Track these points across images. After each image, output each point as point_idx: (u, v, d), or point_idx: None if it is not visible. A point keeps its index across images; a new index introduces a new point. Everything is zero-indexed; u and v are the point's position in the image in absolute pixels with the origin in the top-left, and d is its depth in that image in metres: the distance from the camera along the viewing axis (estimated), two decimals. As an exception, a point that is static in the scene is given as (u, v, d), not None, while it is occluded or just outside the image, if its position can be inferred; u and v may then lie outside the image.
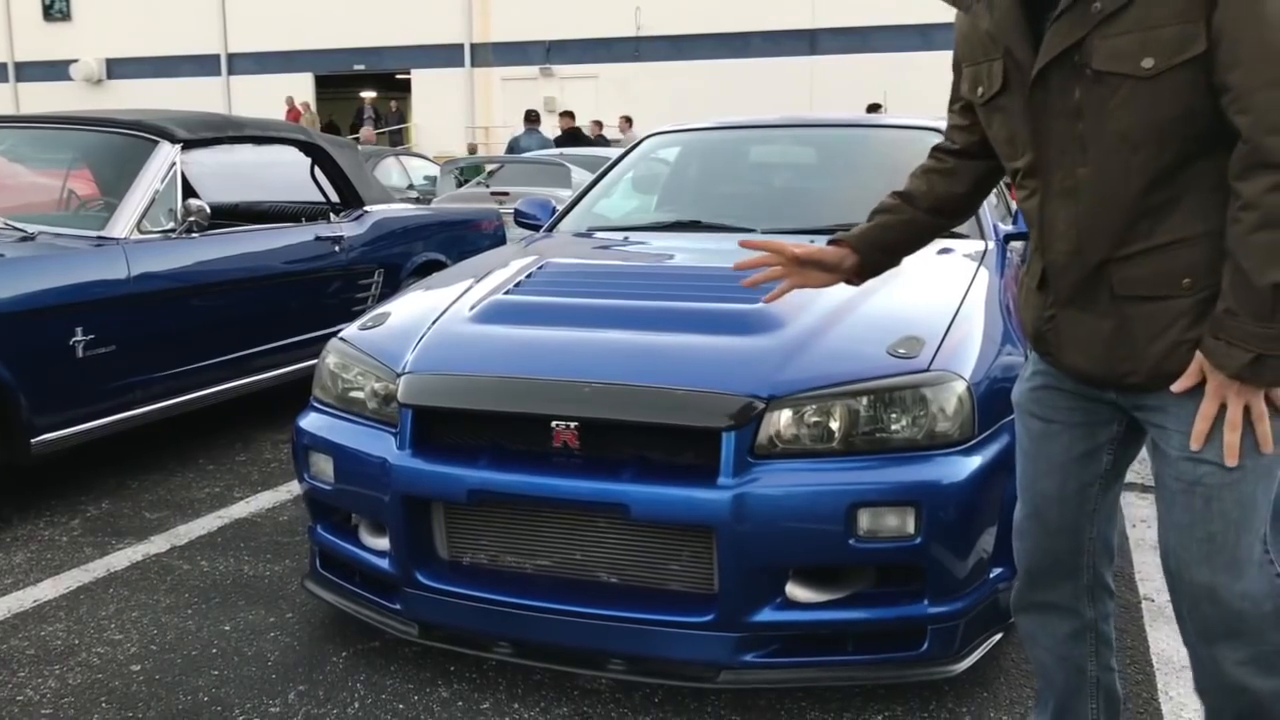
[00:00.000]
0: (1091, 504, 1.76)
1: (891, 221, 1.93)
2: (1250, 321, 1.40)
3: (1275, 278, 1.37)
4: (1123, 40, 1.45)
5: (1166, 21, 1.42)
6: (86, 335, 3.65)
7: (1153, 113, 1.47)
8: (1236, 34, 1.38)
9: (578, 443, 2.30)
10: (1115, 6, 1.45)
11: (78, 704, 2.43)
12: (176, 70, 25.52)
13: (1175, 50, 1.42)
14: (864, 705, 2.39)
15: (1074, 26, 1.49)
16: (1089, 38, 1.48)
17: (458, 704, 2.42)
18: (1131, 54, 1.45)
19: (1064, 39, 1.51)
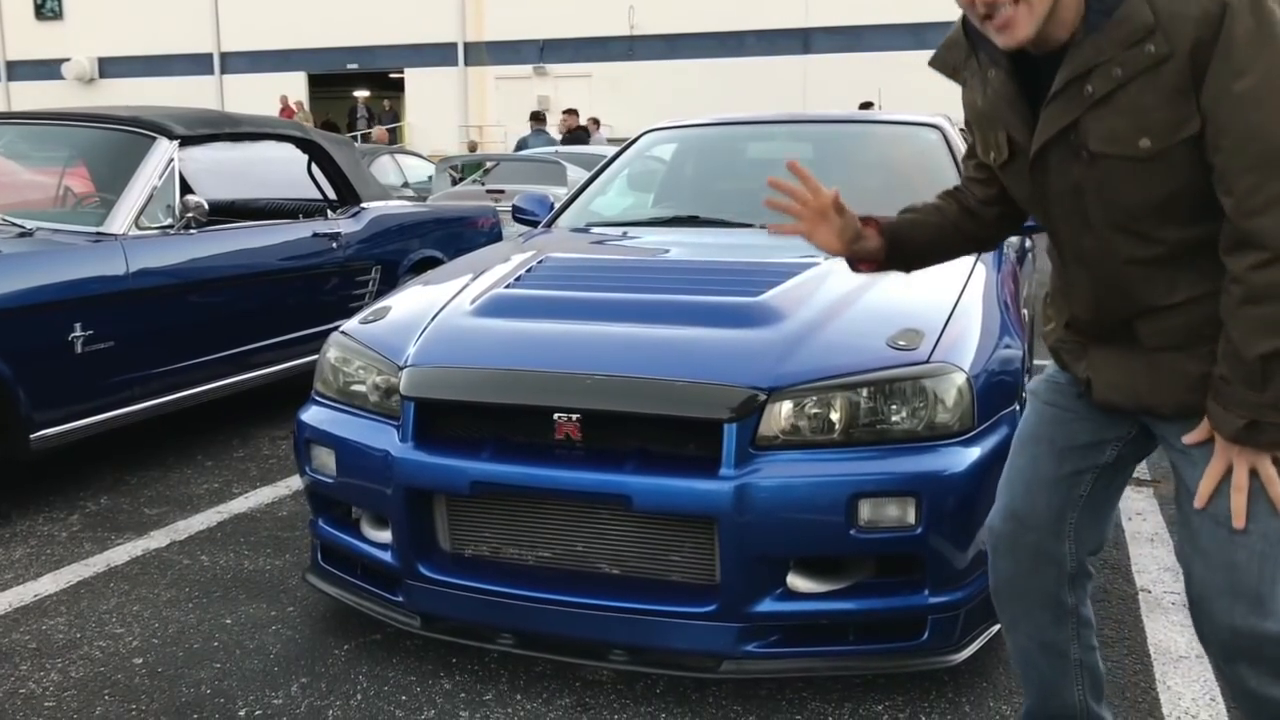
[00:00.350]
0: (1082, 490, 1.76)
1: (922, 221, 1.88)
2: (1242, 389, 1.44)
3: (1262, 349, 1.41)
4: (1117, 122, 1.48)
5: (1158, 106, 1.44)
6: (85, 331, 3.65)
7: (1154, 188, 1.49)
8: (1219, 117, 1.41)
9: (580, 434, 2.31)
10: (1107, 90, 1.47)
11: (80, 697, 2.44)
12: (169, 69, 25.46)
13: (1171, 131, 1.45)
14: (864, 695, 2.41)
15: (1067, 109, 1.52)
16: (1083, 119, 1.51)
17: (460, 695, 2.43)
18: (1127, 136, 1.47)
19: (1057, 121, 1.53)
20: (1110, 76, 1.46)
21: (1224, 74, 1.39)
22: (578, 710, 2.36)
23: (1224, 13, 1.39)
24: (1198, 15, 1.40)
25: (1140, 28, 1.43)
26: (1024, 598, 1.82)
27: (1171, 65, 1.42)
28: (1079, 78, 1.49)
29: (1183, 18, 1.40)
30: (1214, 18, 1.39)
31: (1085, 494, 1.76)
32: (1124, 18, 1.44)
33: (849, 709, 2.36)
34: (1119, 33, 1.44)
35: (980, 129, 1.71)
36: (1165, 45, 1.42)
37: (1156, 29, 1.42)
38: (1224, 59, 1.39)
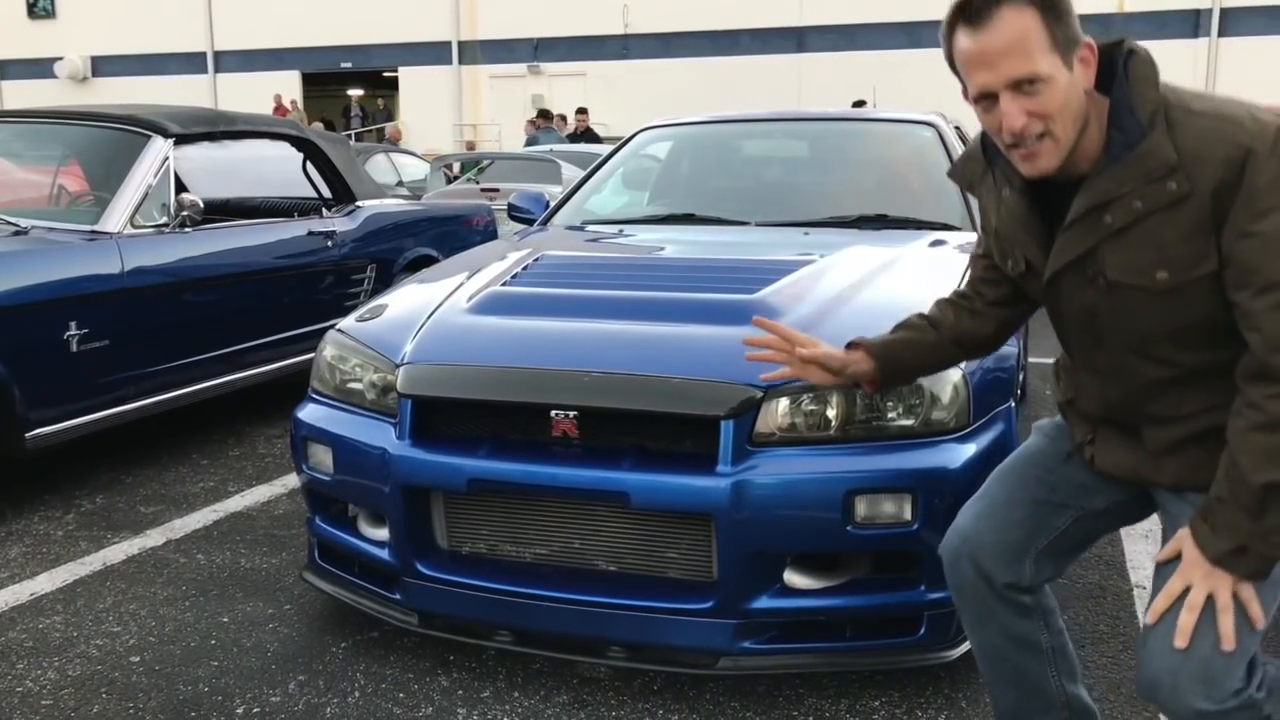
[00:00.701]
0: (1059, 522, 1.76)
1: (916, 340, 1.89)
2: (1239, 513, 1.44)
3: (1268, 478, 1.41)
4: (1136, 254, 1.49)
5: (1177, 241, 1.46)
6: (80, 330, 3.65)
7: (1170, 318, 1.51)
8: (1243, 258, 1.42)
9: (577, 432, 2.32)
10: (1126, 222, 1.48)
11: (78, 695, 2.44)
12: (162, 68, 25.39)
13: (1189, 267, 1.46)
14: (861, 691, 2.42)
15: (1085, 237, 1.53)
16: (1101, 247, 1.52)
17: (458, 692, 2.43)
18: (1145, 268, 1.49)
19: (1074, 248, 1.55)
20: (1130, 209, 1.48)
21: (1248, 217, 1.41)
22: (575, 707, 2.37)
23: (1247, 157, 1.41)
24: (1221, 158, 1.41)
25: (1163, 165, 1.45)
26: (984, 601, 1.81)
27: (1192, 203, 1.44)
28: (1098, 207, 1.51)
29: (1206, 159, 1.42)
30: (1237, 161, 1.41)
31: (1061, 528, 1.77)
32: (1147, 153, 1.46)
33: (846, 705, 2.37)
34: (1141, 167, 1.46)
35: (997, 241, 1.73)
36: (1187, 184, 1.44)
37: (1179, 168, 1.44)
38: (1247, 202, 1.41)
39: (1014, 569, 1.76)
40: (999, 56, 1.46)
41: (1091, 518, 1.78)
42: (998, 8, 1.46)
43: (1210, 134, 1.43)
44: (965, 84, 1.55)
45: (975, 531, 1.79)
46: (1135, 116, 1.47)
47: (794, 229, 3.50)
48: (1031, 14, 1.45)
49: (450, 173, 11.26)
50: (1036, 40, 1.45)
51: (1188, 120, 1.45)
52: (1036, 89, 1.46)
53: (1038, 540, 1.76)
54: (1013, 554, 1.76)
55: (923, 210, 3.59)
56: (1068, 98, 1.47)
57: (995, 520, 1.78)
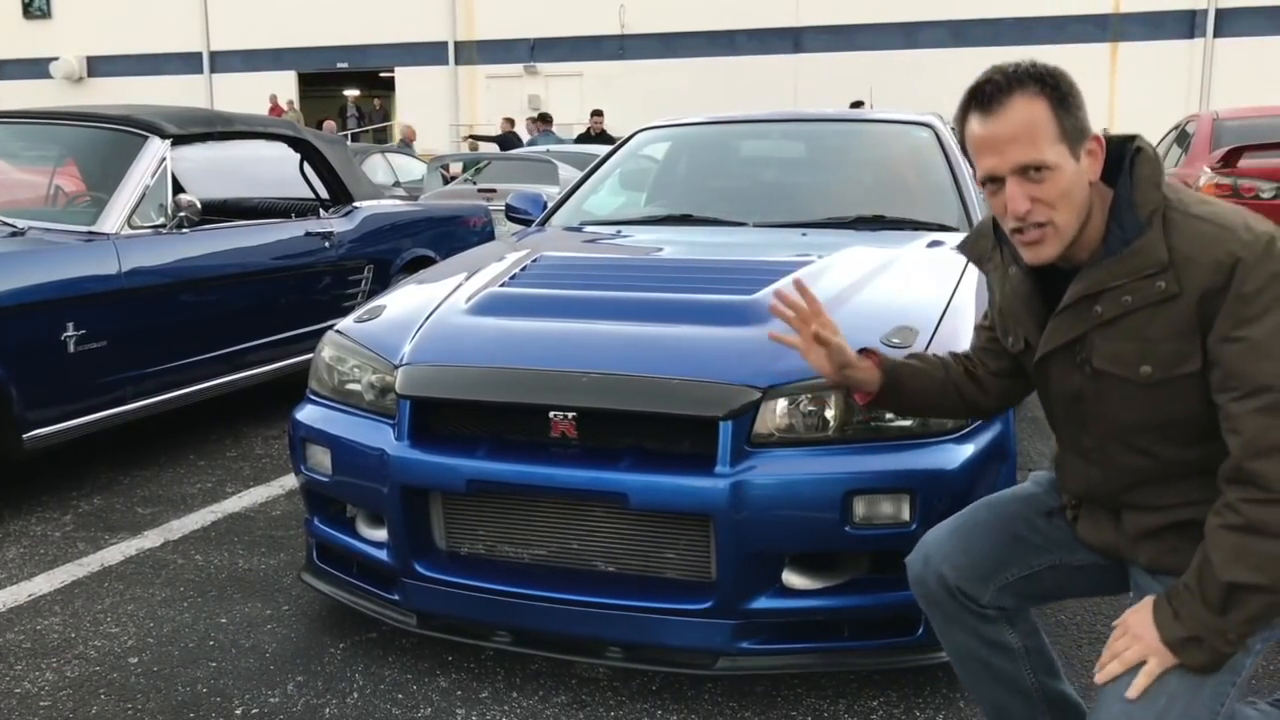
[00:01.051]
0: (1035, 563, 1.78)
1: (925, 372, 1.89)
2: (1201, 605, 1.46)
3: (1235, 577, 1.43)
4: (1122, 346, 1.52)
5: (1163, 337, 1.49)
6: (78, 330, 3.65)
7: (1153, 412, 1.54)
8: (1228, 362, 1.45)
9: (576, 433, 2.32)
10: (1114, 314, 1.52)
11: (76, 696, 2.44)
12: (159, 68, 25.37)
13: (1172, 364, 1.49)
14: (859, 691, 2.42)
15: (1075, 323, 1.57)
16: (1090, 335, 1.56)
17: (456, 693, 2.43)
18: (1130, 360, 1.52)
19: (1065, 333, 1.59)
20: (1119, 302, 1.51)
21: (1234, 323, 1.44)
22: (574, 707, 2.37)
23: (1236, 264, 1.43)
24: (1212, 263, 1.44)
25: (1154, 263, 1.48)
26: (946, 605, 1.81)
27: (1179, 304, 1.47)
28: (1089, 297, 1.54)
29: (1196, 263, 1.45)
30: (1226, 267, 1.44)
31: (1036, 569, 1.78)
32: (1140, 250, 1.49)
33: (844, 705, 2.37)
34: (1133, 263, 1.49)
35: (1001, 317, 1.77)
36: (1176, 285, 1.47)
37: (1170, 268, 1.47)
38: (1234, 308, 1.44)
39: (976, 587, 1.77)
40: (1007, 142, 1.50)
41: (1068, 572, 1.79)
42: (1009, 95, 1.51)
43: (1204, 238, 1.46)
44: (974, 167, 1.59)
45: (945, 543, 1.81)
46: (1135, 213, 1.51)
47: (791, 230, 3.50)
48: (1042, 104, 1.50)
49: (447, 173, 11.26)
50: (1045, 129, 1.50)
51: (1185, 223, 1.49)
52: (1042, 176, 1.50)
53: (1009, 571, 1.77)
54: (979, 575, 1.77)
55: (920, 211, 3.60)
56: (1072, 187, 1.51)
57: (969, 540, 1.79)
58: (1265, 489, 1.42)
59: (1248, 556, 1.43)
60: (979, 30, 20.37)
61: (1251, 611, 1.44)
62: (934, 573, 1.79)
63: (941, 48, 20.42)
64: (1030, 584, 1.78)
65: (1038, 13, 20.21)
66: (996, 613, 1.79)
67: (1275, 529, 1.42)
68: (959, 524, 1.83)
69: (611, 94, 21.72)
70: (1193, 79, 19.68)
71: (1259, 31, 19.34)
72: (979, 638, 1.81)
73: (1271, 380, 1.42)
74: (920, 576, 1.83)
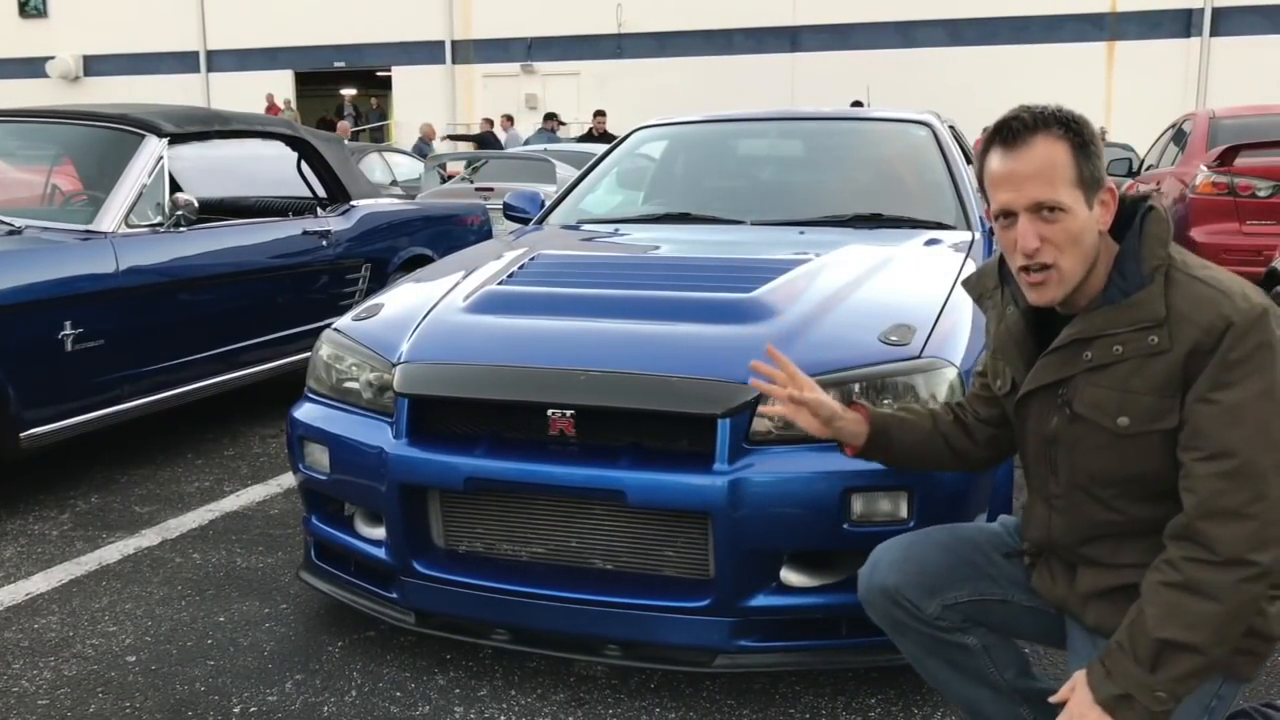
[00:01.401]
0: (987, 593, 1.78)
1: (912, 423, 1.90)
2: (1133, 662, 1.47)
3: (1167, 634, 1.44)
4: (1105, 394, 1.55)
5: (1145, 391, 1.51)
6: (75, 329, 3.64)
7: (1122, 465, 1.56)
8: (1198, 422, 1.47)
9: (574, 430, 2.32)
10: (1103, 361, 1.54)
11: (74, 695, 2.43)
12: (155, 67, 25.32)
13: (1149, 419, 1.51)
14: (858, 689, 2.42)
15: (1063, 365, 1.59)
16: (1075, 379, 1.58)
17: (455, 691, 2.43)
18: (1110, 409, 1.54)
19: (1052, 374, 1.61)
20: (1110, 350, 1.54)
21: (1213, 384, 1.46)
22: (572, 705, 2.37)
23: (1228, 329, 1.45)
24: (1203, 324, 1.47)
25: (1151, 317, 1.50)
26: (893, 613, 1.82)
27: (1167, 360, 1.49)
28: (1082, 341, 1.56)
29: (1190, 322, 1.48)
30: (1217, 331, 1.46)
31: (987, 596, 1.79)
32: (1139, 303, 1.52)
33: (842, 702, 2.37)
34: (1131, 314, 1.52)
35: (992, 360, 1.79)
36: (1168, 341, 1.49)
37: (1165, 324, 1.49)
38: (1216, 370, 1.46)
39: (921, 597, 1.78)
40: (1026, 179, 1.53)
41: (1016, 610, 1.80)
42: (1034, 134, 1.53)
43: (1202, 299, 1.49)
44: (989, 202, 1.62)
45: (896, 553, 1.81)
46: (1139, 268, 1.54)
47: (789, 228, 3.50)
48: (1064, 147, 1.53)
49: (445, 172, 11.25)
50: (1063, 172, 1.53)
51: (1186, 282, 1.51)
52: (1055, 217, 1.53)
53: (958, 591, 1.78)
54: (926, 587, 1.78)
55: (917, 209, 3.60)
56: (1082, 233, 1.54)
57: (922, 553, 1.80)
58: (1210, 550, 1.44)
59: (1182, 615, 1.44)
60: (975, 29, 20.38)
61: (1181, 671, 1.45)
62: (880, 581, 1.80)
63: (938, 46, 20.44)
64: (977, 610, 1.79)
65: (1034, 11, 20.22)
66: (946, 621, 1.79)
67: (1213, 591, 1.43)
68: (914, 539, 1.84)
69: (608, 93, 21.70)
70: (1189, 78, 19.70)
71: (1255, 31, 19.36)
72: (933, 640, 1.81)
73: (1236, 446, 1.44)
74: (867, 585, 1.84)
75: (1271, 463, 1.44)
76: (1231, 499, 1.44)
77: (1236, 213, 6.41)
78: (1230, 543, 1.43)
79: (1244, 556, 1.43)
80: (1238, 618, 1.45)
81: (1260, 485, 1.44)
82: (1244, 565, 1.43)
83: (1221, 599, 1.43)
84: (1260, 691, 2.36)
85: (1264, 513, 1.43)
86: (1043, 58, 20.13)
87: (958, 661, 1.82)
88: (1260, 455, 1.44)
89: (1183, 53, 19.81)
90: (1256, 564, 1.43)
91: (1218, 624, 1.44)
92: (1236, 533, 1.43)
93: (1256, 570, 1.43)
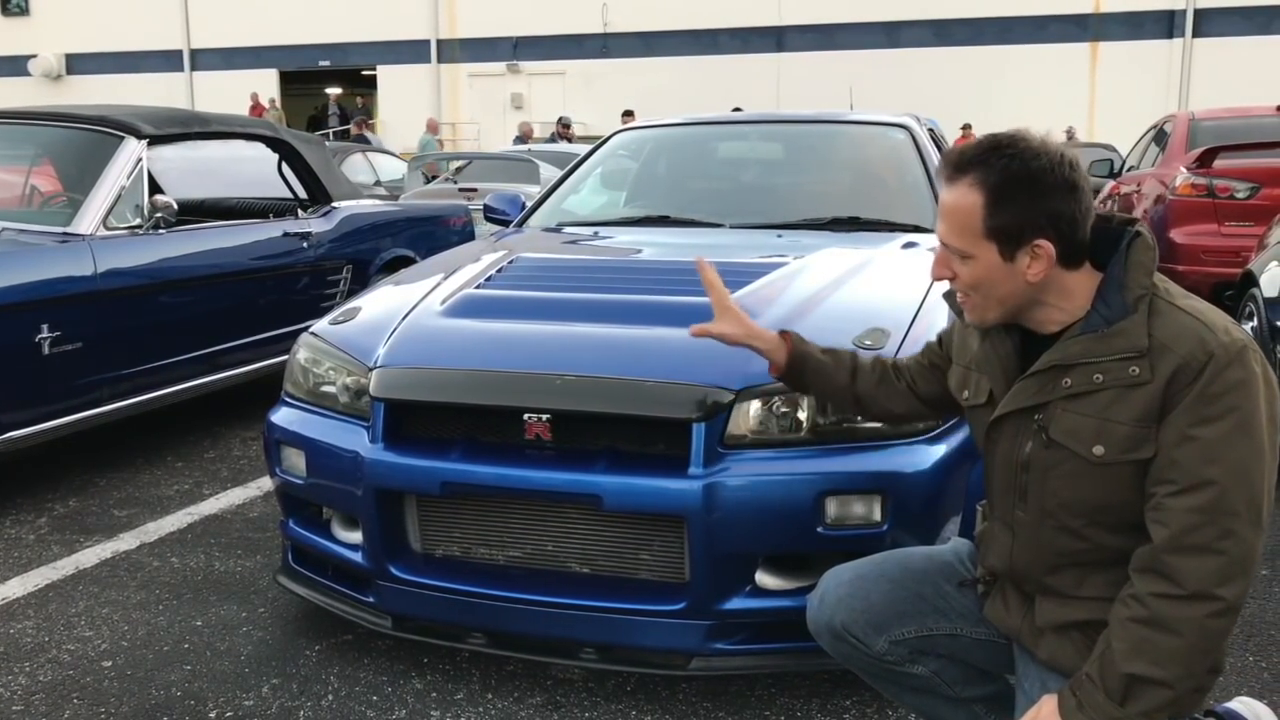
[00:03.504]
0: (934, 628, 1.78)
1: (829, 369, 1.93)
2: (1103, 696, 1.47)
3: (1135, 669, 1.44)
4: (1082, 422, 1.53)
5: (1123, 420, 1.50)
6: (52, 332, 3.62)
7: (1093, 494, 1.55)
8: (1173, 454, 1.46)
9: (550, 435, 2.33)
10: (1082, 389, 1.53)
11: (49, 700, 2.43)
12: (138, 66, 25.22)
13: (1126, 449, 1.50)
14: (833, 691, 2.43)
15: (1041, 390, 1.58)
16: (1053, 404, 1.56)
17: (432, 695, 2.44)
18: (1086, 437, 1.53)
19: (1029, 397, 1.59)
20: (1090, 378, 1.52)
21: (1189, 417, 1.45)
22: (549, 709, 2.38)
23: (1209, 361, 1.44)
24: (1184, 354, 1.46)
25: (1133, 348, 1.49)
26: (841, 647, 1.81)
27: (1147, 391, 1.48)
28: (1061, 367, 1.55)
29: (1171, 353, 1.47)
30: (1197, 363, 1.45)
31: (934, 632, 1.78)
32: (1122, 332, 1.50)
33: (817, 704, 2.39)
34: (1113, 344, 1.50)
35: (963, 364, 1.77)
36: (1148, 372, 1.48)
37: (1147, 355, 1.48)
38: (1194, 404, 1.45)
39: (868, 634, 1.78)
40: (945, 215, 1.56)
41: (966, 644, 1.80)
42: (959, 177, 1.54)
43: (1184, 330, 1.47)
44: None
45: (844, 587, 1.81)
46: (1122, 296, 1.52)
47: (768, 231, 3.52)
48: (976, 197, 1.52)
49: (429, 171, 11.23)
50: (970, 222, 1.53)
51: (1170, 314, 1.50)
52: (964, 261, 1.55)
53: (905, 628, 1.78)
54: (873, 624, 1.78)
55: (895, 212, 3.62)
56: (985, 279, 1.55)
57: (870, 588, 1.79)
58: (1177, 585, 1.44)
59: (1149, 651, 1.44)
60: (961, 29, 20.46)
61: (1151, 705, 1.45)
62: (826, 616, 1.80)
63: (924, 47, 20.51)
64: (925, 644, 1.79)
65: (1019, 12, 20.32)
66: (893, 657, 1.79)
67: (1180, 627, 1.43)
68: (863, 570, 1.83)
69: (594, 92, 21.72)
70: (1171, 78, 19.82)
71: (1237, 32, 19.49)
72: (882, 669, 1.82)
73: (1211, 482, 1.43)
74: (814, 619, 1.84)
75: (1244, 500, 1.44)
76: (1203, 535, 1.43)
77: (1215, 214, 6.45)
78: (1196, 577, 1.43)
79: (1209, 591, 1.43)
80: (1204, 652, 1.45)
81: (1232, 522, 1.43)
82: (1209, 600, 1.43)
83: (1186, 634, 1.44)
84: (1231, 690, 2.38)
85: (1232, 549, 1.43)
86: (1027, 58, 20.23)
87: (912, 683, 1.83)
88: (1234, 492, 1.43)
89: (1165, 53, 19.93)
90: (1221, 599, 1.43)
91: (1184, 658, 1.44)
92: (1203, 567, 1.43)
93: (1221, 605, 1.43)
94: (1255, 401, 1.45)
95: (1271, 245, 4.28)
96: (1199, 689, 1.54)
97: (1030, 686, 1.66)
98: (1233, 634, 1.55)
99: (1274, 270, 4.07)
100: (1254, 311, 4.19)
